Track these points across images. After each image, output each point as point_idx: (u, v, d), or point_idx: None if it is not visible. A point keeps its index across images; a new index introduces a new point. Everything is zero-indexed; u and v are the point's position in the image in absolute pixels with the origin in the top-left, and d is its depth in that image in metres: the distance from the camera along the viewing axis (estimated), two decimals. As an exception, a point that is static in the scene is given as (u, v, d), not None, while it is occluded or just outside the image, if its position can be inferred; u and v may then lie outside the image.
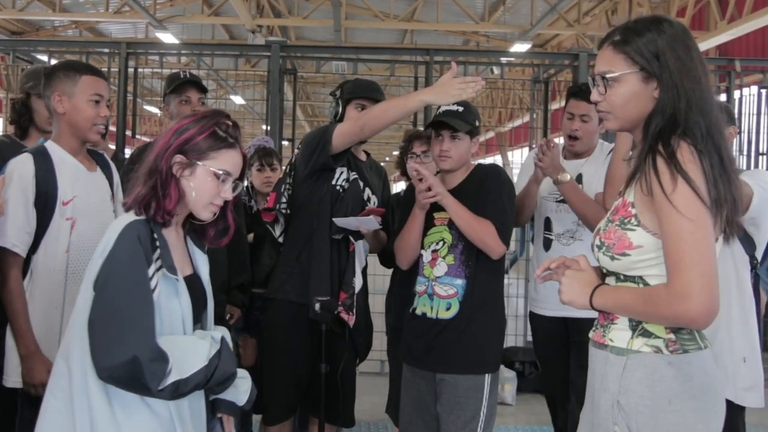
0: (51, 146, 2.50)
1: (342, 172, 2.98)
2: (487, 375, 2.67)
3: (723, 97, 6.10)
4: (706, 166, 1.59)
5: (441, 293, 2.70)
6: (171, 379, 1.71)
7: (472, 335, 2.67)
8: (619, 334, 1.72)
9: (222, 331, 1.99)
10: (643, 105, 1.71)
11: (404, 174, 3.78)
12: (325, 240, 2.94)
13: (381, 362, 5.63)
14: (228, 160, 1.88)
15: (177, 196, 1.85)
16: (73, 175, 2.49)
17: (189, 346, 1.81)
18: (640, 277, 1.70)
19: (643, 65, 1.69)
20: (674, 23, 1.71)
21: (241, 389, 2.00)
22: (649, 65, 1.68)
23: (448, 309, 2.68)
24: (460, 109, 2.74)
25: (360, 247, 3.00)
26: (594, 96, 1.77)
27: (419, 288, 2.77)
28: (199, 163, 1.86)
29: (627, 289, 1.71)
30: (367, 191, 3.04)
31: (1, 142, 3.04)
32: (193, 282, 1.95)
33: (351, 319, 2.87)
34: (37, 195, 2.39)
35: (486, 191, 2.69)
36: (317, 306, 2.78)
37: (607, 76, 1.73)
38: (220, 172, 1.87)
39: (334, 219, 2.88)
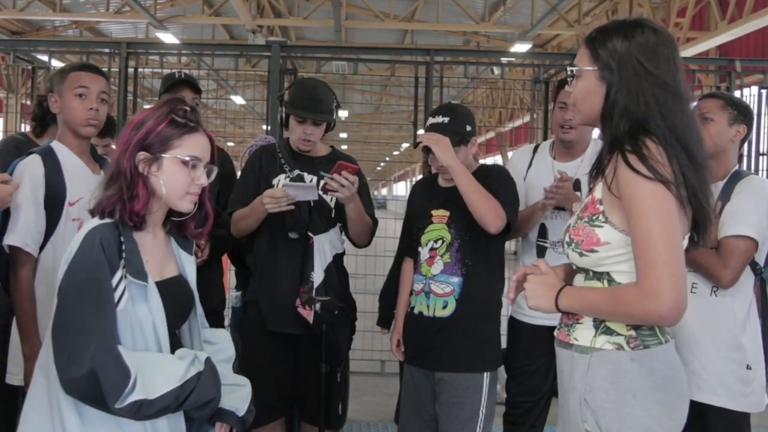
0: (57, 146, 2.52)
1: (279, 180, 2.93)
2: (485, 374, 2.67)
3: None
4: (675, 166, 1.62)
5: (437, 291, 2.69)
6: (133, 397, 1.59)
7: (470, 333, 2.66)
8: (583, 332, 1.75)
9: (217, 351, 1.93)
10: (597, 103, 1.75)
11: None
12: (271, 252, 2.91)
13: (381, 362, 5.64)
14: (193, 145, 1.80)
15: (146, 195, 1.76)
16: (80, 177, 2.50)
17: (162, 364, 1.69)
18: (608, 273, 1.73)
19: (598, 64, 1.73)
20: (647, 30, 1.72)
21: (240, 395, 1.92)
22: (603, 65, 1.72)
23: (444, 307, 2.68)
24: (445, 120, 2.71)
25: (323, 242, 2.90)
26: (567, 89, 1.83)
27: (417, 287, 2.77)
28: (163, 155, 1.76)
29: (593, 289, 1.74)
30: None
31: (17, 140, 3.07)
32: (176, 284, 1.88)
33: (309, 315, 2.81)
34: (46, 195, 2.41)
35: (490, 183, 2.66)
36: (317, 306, 2.78)
37: (569, 69, 1.80)
38: (188, 159, 1.78)
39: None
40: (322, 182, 2.75)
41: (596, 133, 3.21)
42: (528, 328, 3.03)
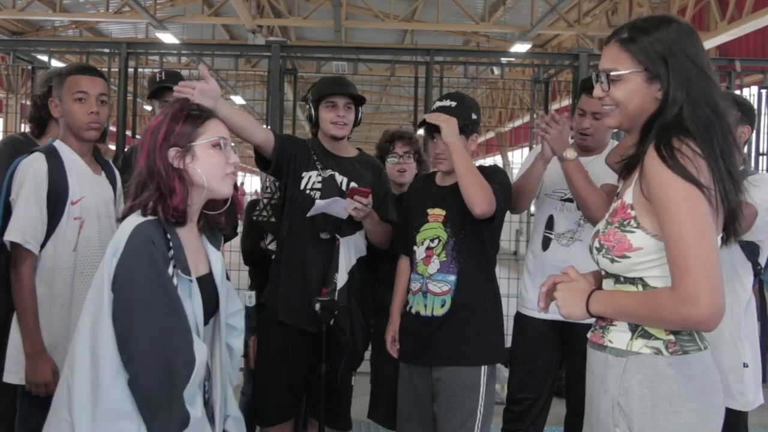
0: (60, 146, 2.54)
1: (310, 176, 2.94)
2: (483, 368, 2.65)
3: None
4: (712, 167, 1.59)
5: (435, 290, 2.69)
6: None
7: (467, 328, 2.66)
8: (619, 335, 1.72)
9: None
10: (644, 105, 1.71)
11: None
12: (296, 245, 2.92)
13: (381, 362, 5.62)
14: (216, 128, 1.87)
15: (183, 189, 1.81)
16: (81, 176, 2.53)
17: None
18: (641, 279, 1.69)
19: (647, 66, 1.68)
20: (682, 24, 1.71)
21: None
22: (653, 66, 1.68)
23: (442, 306, 2.68)
24: (453, 104, 2.70)
25: (349, 244, 2.93)
26: (597, 92, 1.77)
27: (414, 286, 2.76)
28: (193, 143, 1.83)
29: (626, 294, 1.71)
30: (353, 185, 2.95)
31: (16, 140, 3.08)
32: (208, 282, 1.92)
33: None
34: (49, 193, 2.43)
35: (486, 176, 2.63)
36: (317, 306, 2.78)
37: (612, 74, 1.73)
38: (216, 139, 1.85)
39: (307, 215, 2.84)
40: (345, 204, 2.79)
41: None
42: (533, 323, 3.03)
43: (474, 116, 2.73)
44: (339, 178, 2.96)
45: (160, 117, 1.87)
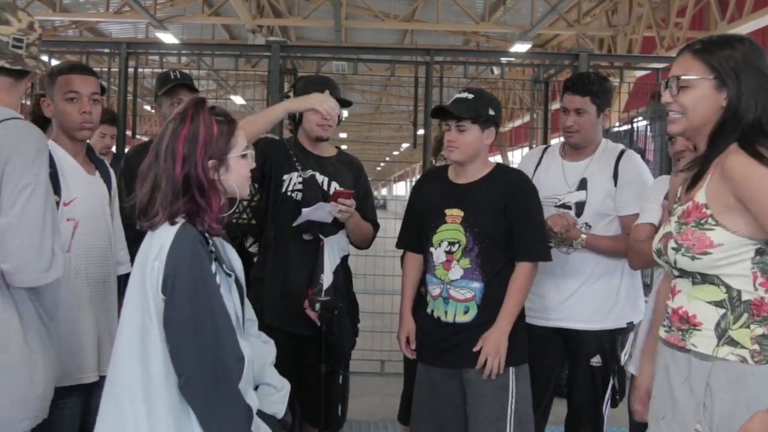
0: (52, 147, 2.49)
1: (290, 178, 2.94)
2: (510, 369, 2.62)
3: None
4: None
5: (458, 297, 2.63)
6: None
7: None
8: (704, 340, 1.76)
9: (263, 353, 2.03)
10: (709, 113, 1.78)
11: None
12: (280, 248, 2.91)
13: (381, 362, 5.63)
14: (242, 138, 1.89)
15: (218, 201, 1.82)
16: (75, 177, 2.49)
17: None
18: (717, 277, 1.75)
19: (718, 74, 1.75)
20: (753, 42, 1.80)
21: (277, 397, 1.99)
22: (725, 74, 1.74)
23: (466, 312, 2.62)
24: (470, 96, 2.67)
25: (333, 244, 2.92)
26: (665, 97, 1.83)
27: (433, 291, 2.68)
28: (228, 156, 1.84)
29: None
30: (334, 185, 2.95)
31: None
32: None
33: (316, 316, 2.82)
34: None
35: (519, 209, 2.65)
36: (317, 306, 2.77)
37: (682, 78, 1.79)
38: (247, 153, 1.89)
39: (294, 224, 2.85)
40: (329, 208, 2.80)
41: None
42: (536, 330, 2.97)
43: (492, 112, 2.68)
44: (320, 177, 2.96)
45: (187, 123, 1.80)
